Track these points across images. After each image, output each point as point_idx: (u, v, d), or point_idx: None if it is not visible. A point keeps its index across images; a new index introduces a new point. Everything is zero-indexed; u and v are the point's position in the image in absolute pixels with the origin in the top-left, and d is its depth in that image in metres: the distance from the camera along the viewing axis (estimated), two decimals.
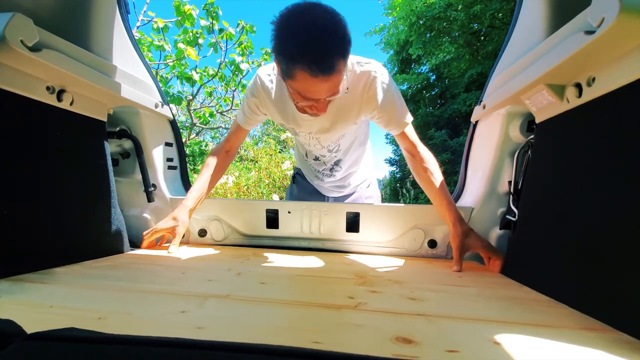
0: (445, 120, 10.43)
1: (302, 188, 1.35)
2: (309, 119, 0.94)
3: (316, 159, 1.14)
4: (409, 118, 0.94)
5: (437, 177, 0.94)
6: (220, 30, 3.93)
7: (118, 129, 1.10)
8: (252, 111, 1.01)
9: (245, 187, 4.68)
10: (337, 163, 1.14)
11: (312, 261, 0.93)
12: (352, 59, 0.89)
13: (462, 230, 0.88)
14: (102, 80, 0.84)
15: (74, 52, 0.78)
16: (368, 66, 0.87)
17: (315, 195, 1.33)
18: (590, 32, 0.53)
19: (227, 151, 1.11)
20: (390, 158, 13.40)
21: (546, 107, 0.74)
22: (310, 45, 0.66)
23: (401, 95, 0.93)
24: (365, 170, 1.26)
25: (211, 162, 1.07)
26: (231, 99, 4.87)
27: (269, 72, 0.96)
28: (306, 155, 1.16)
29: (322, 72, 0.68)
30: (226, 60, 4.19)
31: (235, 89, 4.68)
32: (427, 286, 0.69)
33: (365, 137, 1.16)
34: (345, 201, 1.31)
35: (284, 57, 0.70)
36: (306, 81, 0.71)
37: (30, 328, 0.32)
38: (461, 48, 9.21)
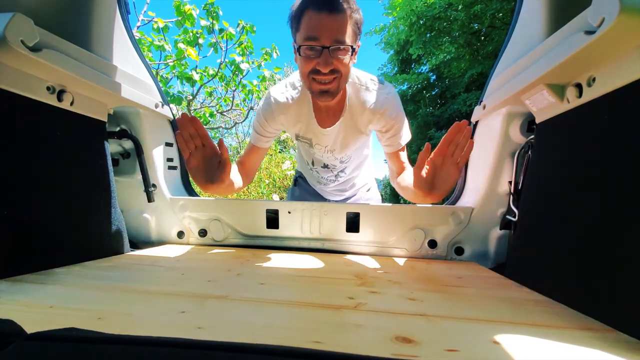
0: (445, 121, 10.42)
1: (304, 190, 1.38)
2: (326, 132, 0.97)
3: (325, 166, 1.15)
4: (409, 138, 0.98)
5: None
6: (221, 30, 3.93)
7: (118, 129, 1.10)
8: (263, 129, 1.01)
9: (246, 187, 4.68)
10: (342, 170, 1.17)
11: (312, 261, 0.93)
12: (367, 76, 0.94)
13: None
14: (102, 80, 0.84)
15: (74, 52, 0.78)
16: (383, 90, 0.92)
17: (316, 197, 1.36)
18: (590, 32, 0.53)
19: (245, 172, 1.05)
20: None
21: (546, 107, 0.74)
22: None
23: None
24: (366, 174, 1.30)
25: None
26: (231, 99, 4.87)
27: (282, 90, 0.98)
28: (312, 163, 1.17)
29: (326, 6, 0.69)
30: (226, 60, 4.19)
31: (236, 89, 4.68)
32: (426, 287, 0.69)
33: (367, 146, 1.19)
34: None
35: (295, 16, 0.74)
36: (311, 20, 0.72)
37: (30, 328, 0.32)
38: (461, 48, 9.21)
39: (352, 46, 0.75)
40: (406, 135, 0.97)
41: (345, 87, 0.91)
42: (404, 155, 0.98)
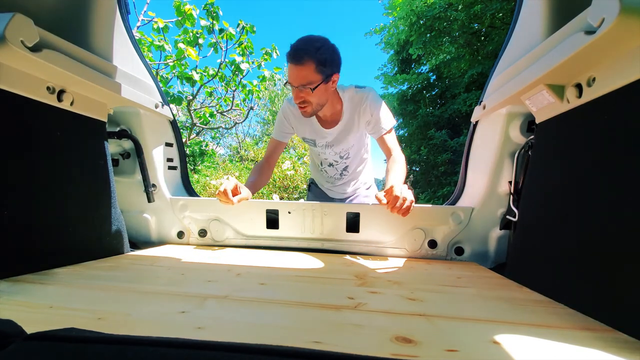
0: (445, 121, 10.40)
1: (314, 193, 1.61)
2: (326, 131, 1.21)
3: (330, 165, 1.37)
4: (391, 123, 1.15)
5: (399, 163, 1.10)
6: (221, 31, 3.93)
7: (118, 129, 1.10)
8: (282, 125, 1.28)
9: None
10: (345, 169, 1.37)
11: (312, 262, 0.93)
12: (352, 86, 1.17)
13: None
14: (102, 80, 0.84)
15: (74, 52, 0.78)
16: (363, 90, 1.16)
17: (323, 198, 1.56)
18: (590, 32, 0.53)
19: (267, 163, 1.31)
20: None
21: (546, 107, 0.74)
22: (292, 45, 0.98)
23: (388, 109, 1.18)
24: (366, 174, 1.50)
25: (255, 169, 1.28)
26: (231, 99, 4.87)
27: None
28: (321, 163, 1.41)
29: (293, 60, 0.98)
30: (226, 60, 4.19)
31: (236, 89, 4.68)
32: (426, 287, 0.69)
33: (367, 151, 1.40)
34: (346, 201, 1.47)
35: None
36: (288, 68, 1.01)
37: (30, 328, 0.32)
38: (461, 48, 9.19)
39: (314, 85, 1.00)
40: (388, 119, 1.14)
41: (341, 99, 1.16)
42: (389, 139, 1.15)
